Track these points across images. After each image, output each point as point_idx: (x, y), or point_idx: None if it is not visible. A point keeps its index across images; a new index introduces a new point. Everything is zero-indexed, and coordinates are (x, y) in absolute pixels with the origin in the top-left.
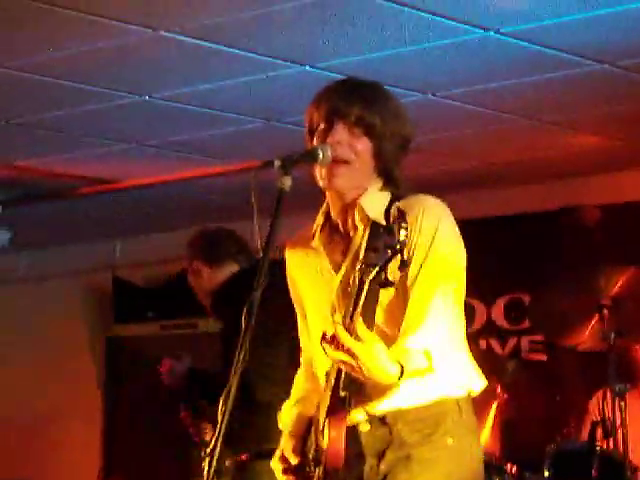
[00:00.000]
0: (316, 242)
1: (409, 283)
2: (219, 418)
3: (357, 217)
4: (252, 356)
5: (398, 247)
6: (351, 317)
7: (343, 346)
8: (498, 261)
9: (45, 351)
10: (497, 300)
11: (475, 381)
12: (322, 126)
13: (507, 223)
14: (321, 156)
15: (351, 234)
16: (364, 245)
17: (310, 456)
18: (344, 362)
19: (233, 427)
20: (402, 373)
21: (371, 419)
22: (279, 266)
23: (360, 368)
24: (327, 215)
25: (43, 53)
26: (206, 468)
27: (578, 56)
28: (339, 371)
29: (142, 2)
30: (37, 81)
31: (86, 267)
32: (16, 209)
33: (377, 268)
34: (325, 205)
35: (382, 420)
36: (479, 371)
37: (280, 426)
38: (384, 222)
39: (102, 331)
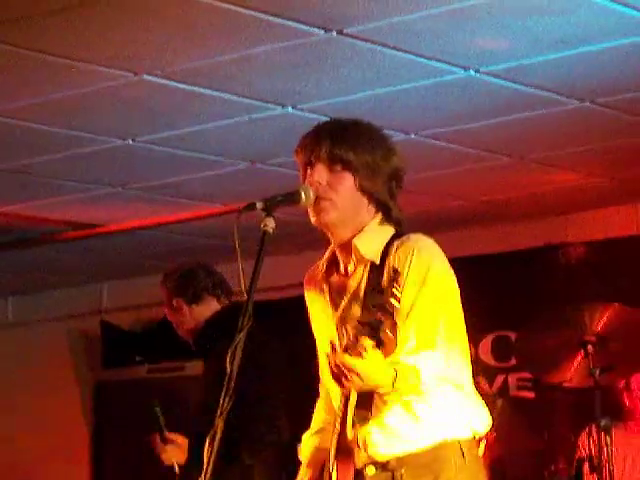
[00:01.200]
0: (320, 279)
1: (400, 320)
2: (205, 459)
3: (353, 257)
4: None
5: (390, 309)
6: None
7: (345, 366)
8: (484, 299)
9: (33, 395)
10: (484, 338)
11: (478, 421)
12: (305, 168)
13: (492, 261)
14: (303, 198)
15: (350, 273)
16: (363, 286)
17: None
18: (348, 379)
19: None
20: (396, 377)
21: (375, 463)
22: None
23: (360, 378)
24: (333, 252)
25: (25, 98)
26: None
27: (558, 94)
28: (345, 413)
29: (124, 46)
30: (20, 126)
31: (73, 311)
32: (0, 255)
33: (370, 328)
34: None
35: (385, 465)
36: (485, 411)
37: (300, 457)
38: (378, 262)
39: (91, 375)
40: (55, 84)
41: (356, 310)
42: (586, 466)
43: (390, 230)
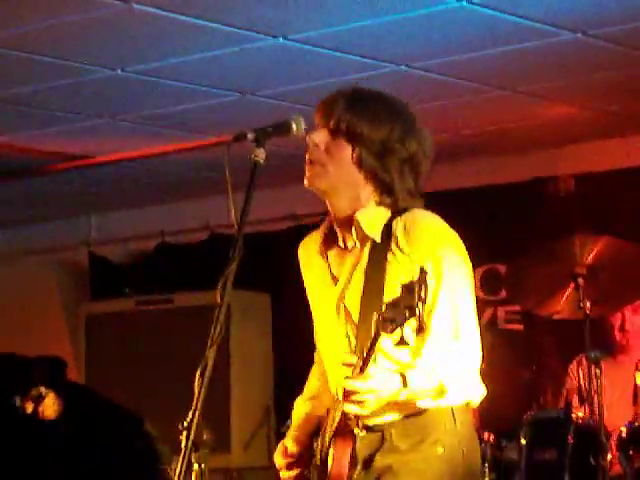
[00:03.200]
0: (319, 249)
1: (425, 314)
2: (195, 391)
3: (354, 233)
4: None
5: (417, 311)
6: (363, 364)
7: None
8: (473, 232)
9: (21, 327)
10: (474, 270)
11: (474, 391)
12: None
13: (482, 194)
14: (294, 128)
15: (349, 248)
16: (364, 265)
17: (314, 463)
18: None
19: None
20: (405, 383)
21: (366, 426)
22: None
23: (373, 397)
24: (331, 223)
25: (13, 27)
26: (184, 441)
27: (550, 25)
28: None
29: None
30: (7, 55)
31: (62, 244)
32: None
33: (394, 326)
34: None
35: (377, 426)
36: (481, 381)
37: (290, 420)
38: (379, 239)
39: (79, 308)
40: (44, 12)
41: (356, 289)
42: (575, 397)
43: (386, 211)
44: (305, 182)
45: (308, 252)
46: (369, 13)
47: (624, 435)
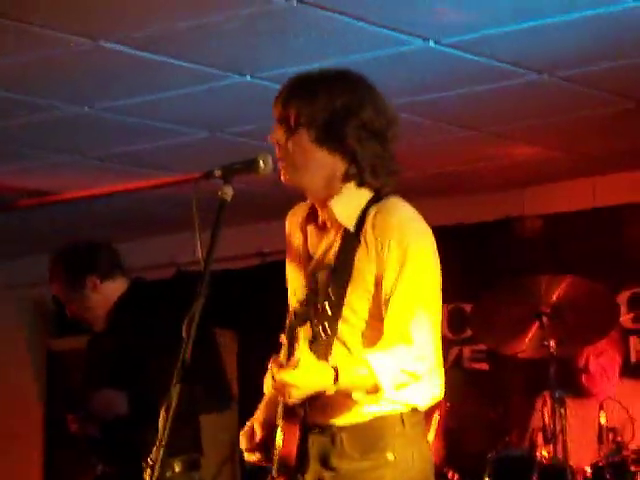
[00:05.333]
0: (302, 221)
1: (382, 302)
2: (160, 427)
3: (329, 217)
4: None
5: (322, 309)
6: (289, 354)
7: (279, 382)
8: (441, 271)
9: None
10: None
11: (420, 397)
12: None
13: (448, 233)
14: (262, 165)
15: (327, 228)
16: (335, 250)
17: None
18: (287, 396)
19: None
20: (337, 378)
21: (318, 426)
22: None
23: (297, 389)
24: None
25: None
26: (147, 478)
27: (517, 67)
28: None
29: (82, 12)
30: None
31: (26, 280)
32: None
33: (304, 321)
34: None
35: (326, 428)
36: (428, 385)
37: (264, 389)
38: (353, 228)
39: (42, 345)
40: (13, 49)
41: (324, 271)
42: (540, 436)
43: (366, 194)
44: (282, 179)
45: (292, 223)
46: (335, 52)
47: (589, 474)
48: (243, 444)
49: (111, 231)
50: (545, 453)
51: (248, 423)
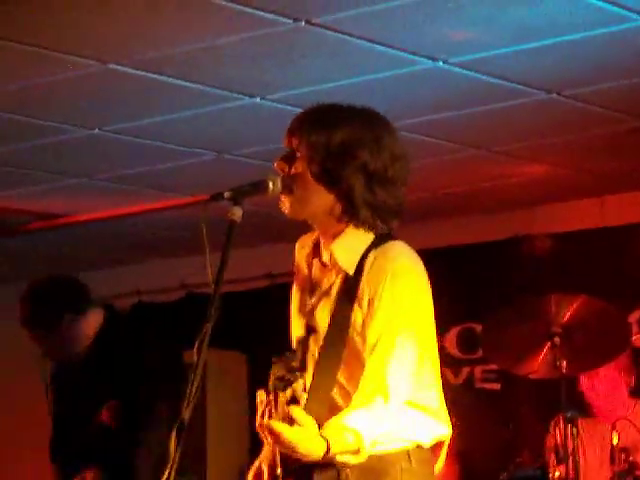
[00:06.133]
0: (308, 254)
1: (366, 353)
2: (171, 451)
3: (328, 257)
4: None
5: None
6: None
7: (272, 431)
8: (450, 291)
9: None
10: (450, 329)
11: (425, 434)
12: None
13: (458, 253)
14: (271, 187)
15: (327, 266)
16: (334, 296)
17: None
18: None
19: None
20: (328, 449)
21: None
22: None
23: (287, 447)
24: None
25: None
26: None
27: (525, 86)
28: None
29: (91, 35)
30: None
31: None
32: None
33: (285, 384)
34: None
35: (334, 464)
36: (435, 421)
37: None
38: (352, 272)
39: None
40: (20, 72)
41: (323, 316)
42: (552, 458)
43: (367, 237)
44: (285, 212)
45: (300, 254)
46: (344, 73)
47: None
48: None
49: (120, 253)
50: (557, 473)
51: (256, 462)
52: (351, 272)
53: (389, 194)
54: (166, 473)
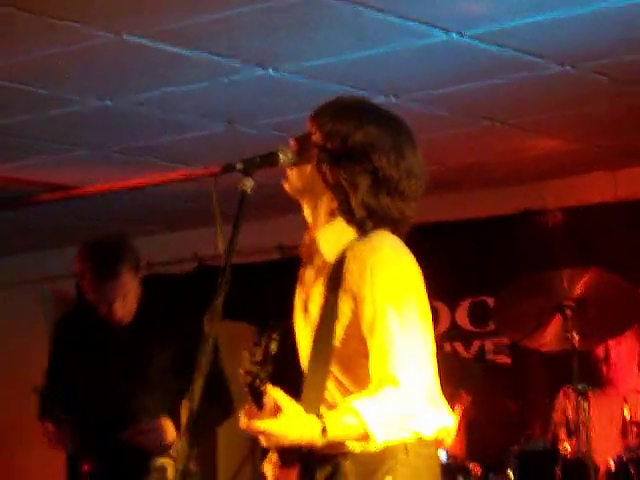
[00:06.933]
0: (301, 250)
1: (365, 341)
2: (182, 421)
3: (313, 245)
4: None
5: (262, 365)
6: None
7: (258, 430)
8: (461, 264)
9: (7, 357)
10: (461, 303)
11: (425, 426)
12: None
13: (470, 227)
14: (282, 159)
15: (313, 255)
16: (323, 282)
17: None
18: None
19: None
20: (325, 430)
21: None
22: None
23: (277, 438)
24: None
25: (3, 58)
26: (172, 471)
27: (539, 58)
28: None
29: (104, 6)
30: None
31: (49, 275)
32: None
33: (258, 382)
34: None
35: (333, 457)
36: (437, 413)
37: None
38: (333, 261)
39: None
40: (34, 43)
41: (315, 306)
42: (563, 430)
43: (351, 233)
44: (285, 187)
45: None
46: (358, 45)
47: (612, 468)
48: (266, 470)
49: (132, 225)
50: (568, 447)
51: (270, 453)
52: (333, 261)
53: (394, 204)
54: (178, 443)
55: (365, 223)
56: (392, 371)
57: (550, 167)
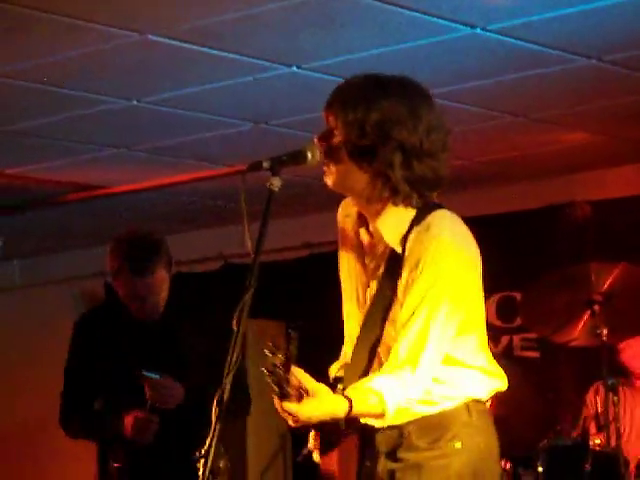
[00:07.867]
0: (355, 223)
1: (399, 324)
2: (213, 419)
3: (375, 232)
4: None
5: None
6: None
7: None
8: (489, 259)
9: (40, 359)
10: (489, 298)
11: (480, 389)
12: None
13: (497, 222)
14: (309, 157)
15: (375, 238)
16: (382, 270)
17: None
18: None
19: None
20: (351, 408)
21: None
22: None
23: (306, 419)
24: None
25: (30, 59)
26: (201, 469)
27: (564, 51)
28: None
29: (129, 6)
30: (25, 88)
31: (78, 274)
32: (6, 217)
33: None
34: None
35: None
36: (486, 376)
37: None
38: (399, 249)
39: None
40: (60, 44)
41: (371, 291)
42: (592, 424)
43: (410, 213)
44: (327, 184)
45: (345, 220)
46: (381, 41)
47: None
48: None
49: (158, 224)
50: (598, 442)
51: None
52: (399, 249)
53: (427, 167)
54: (207, 441)
55: (411, 197)
56: (419, 356)
57: (578, 161)
